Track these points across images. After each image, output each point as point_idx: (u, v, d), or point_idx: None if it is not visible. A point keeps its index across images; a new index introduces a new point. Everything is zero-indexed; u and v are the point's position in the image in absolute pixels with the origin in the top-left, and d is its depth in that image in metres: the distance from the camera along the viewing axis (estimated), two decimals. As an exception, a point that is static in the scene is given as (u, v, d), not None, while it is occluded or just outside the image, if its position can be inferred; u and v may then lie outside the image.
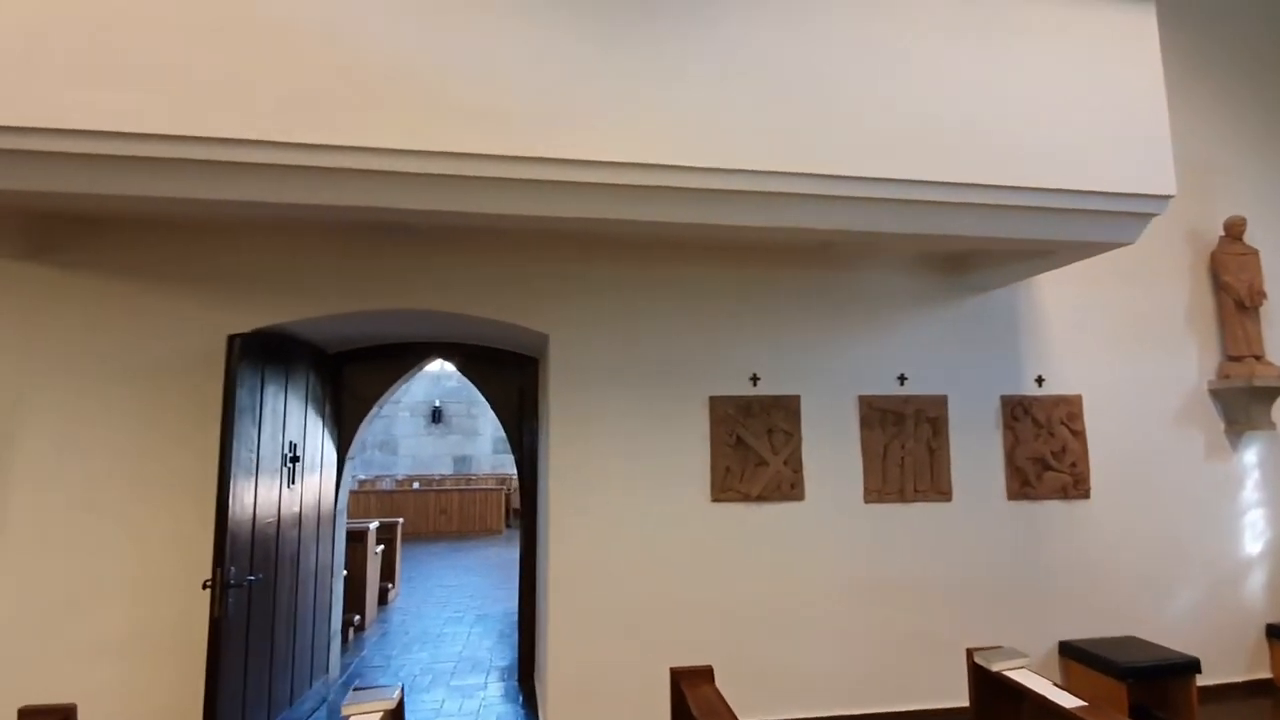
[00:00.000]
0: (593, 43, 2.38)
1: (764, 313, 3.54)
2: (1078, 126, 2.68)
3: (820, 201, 2.51)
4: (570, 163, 2.33)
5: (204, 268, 3.08)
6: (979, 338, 3.71)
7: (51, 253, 2.94)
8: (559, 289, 3.36)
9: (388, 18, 2.26)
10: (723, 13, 2.49)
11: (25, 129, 2.04)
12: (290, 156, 2.19)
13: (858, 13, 2.58)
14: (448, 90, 2.24)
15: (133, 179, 2.16)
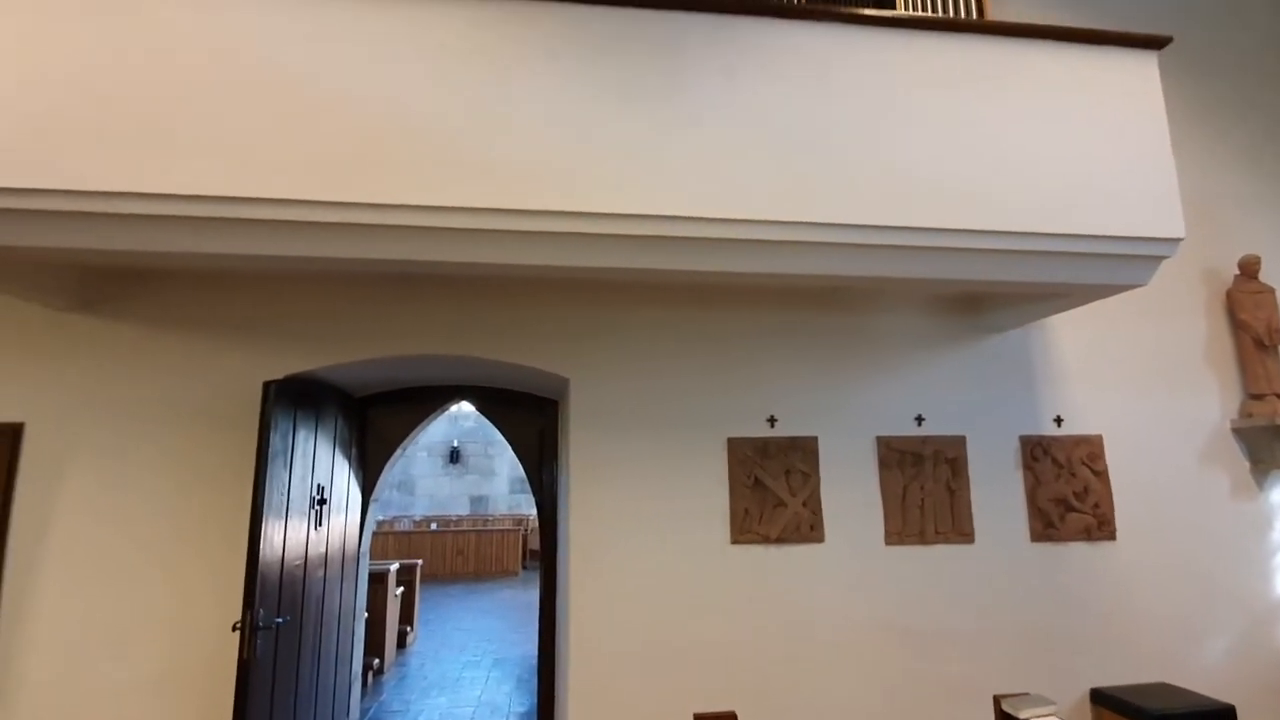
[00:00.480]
0: (609, 99, 2.52)
1: (780, 354, 3.60)
2: (1085, 173, 2.75)
3: (831, 249, 2.60)
4: (587, 215, 2.43)
5: (242, 317, 3.22)
6: (996, 378, 3.74)
7: (102, 304, 3.10)
8: (579, 333, 3.46)
9: (415, 83, 2.42)
10: (735, 70, 2.62)
11: (86, 193, 2.20)
12: (327, 214, 2.32)
13: (865, 69, 2.71)
14: (471, 148, 2.38)
15: (184, 238, 2.30)
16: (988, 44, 2.85)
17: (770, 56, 2.66)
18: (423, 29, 2.49)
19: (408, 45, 2.47)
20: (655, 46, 2.61)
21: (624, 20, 2.62)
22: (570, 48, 2.56)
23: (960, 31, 2.85)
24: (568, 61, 2.54)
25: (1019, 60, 2.84)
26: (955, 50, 2.80)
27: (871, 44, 2.75)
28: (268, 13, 2.41)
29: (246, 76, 2.33)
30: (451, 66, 2.47)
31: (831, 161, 2.57)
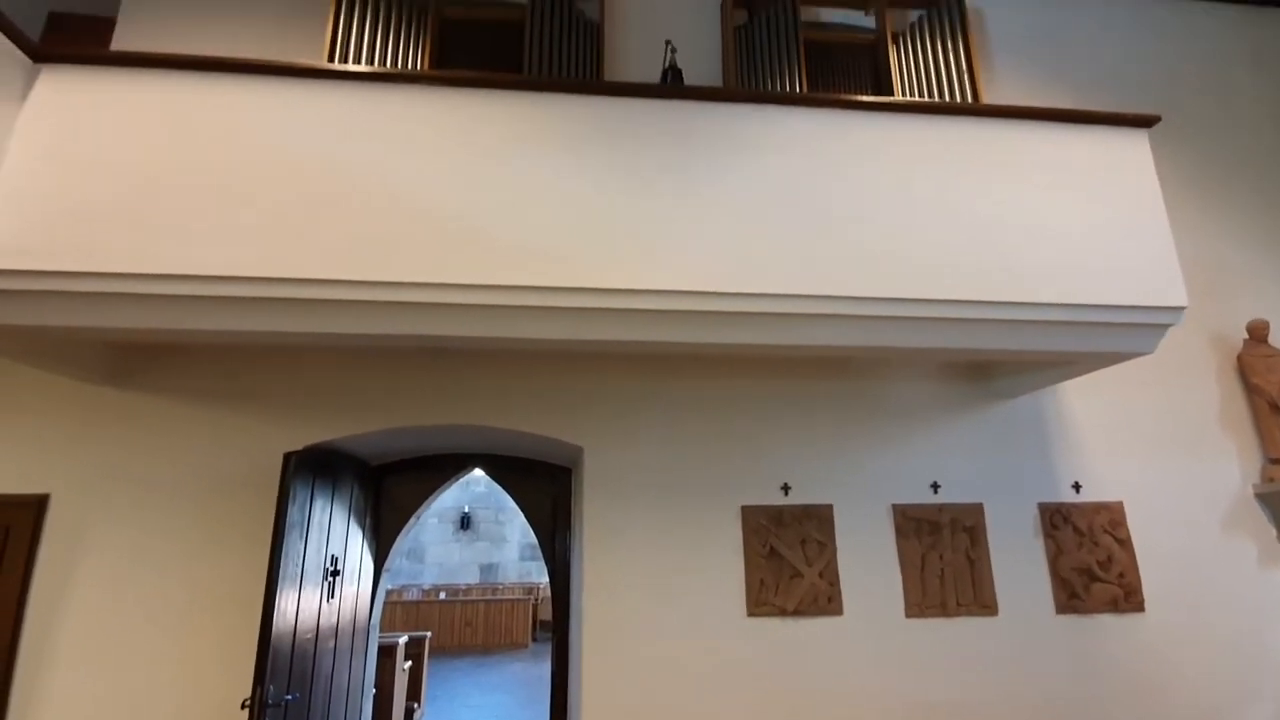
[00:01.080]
0: (620, 181, 2.66)
1: (793, 422, 3.62)
2: (1085, 244, 2.84)
3: (836, 321, 2.67)
4: (599, 291, 2.53)
5: (264, 388, 3.31)
6: (1010, 444, 3.72)
7: (131, 378, 3.20)
8: (594, 402, 3.51)
9: (433, 169, 2.58)
10: (741, 152, 2.77)
11: (123, 275, 2.33)
12: (351, 292, 2.44)
13: (866, 150, 2.85)
14: (487, 228, 2.51)
15: (214, 316, 2.42)
16: (984, 125, 2.99)
17: (775, 140, 2.81)
18: (439, 119, 2.67)
19: (426, 134, 2.64)
20: (665, 133, 2.77)
21: (634, 109, 2.79)
22: (583, 134, 2.72)
23: (957, 115, 3.00)
24: (581, 147, 2.70)
25: (1015, 139, 2.97)
26: (954, 131, 2.94)
27: (871, 127, 2.90)
28: (293, 107, 2.60)
29: (276, 166, 2.50)
30: (469, 153, 2.63)
31: (836, 237, 2.67)
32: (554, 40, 3.93)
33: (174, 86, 2.57)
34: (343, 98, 2.65)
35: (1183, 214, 4.19)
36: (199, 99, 2.57)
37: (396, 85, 2.71)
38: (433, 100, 2.69)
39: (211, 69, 2.60)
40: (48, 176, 2.40)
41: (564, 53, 3.94)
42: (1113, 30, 4.70)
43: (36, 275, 2.29)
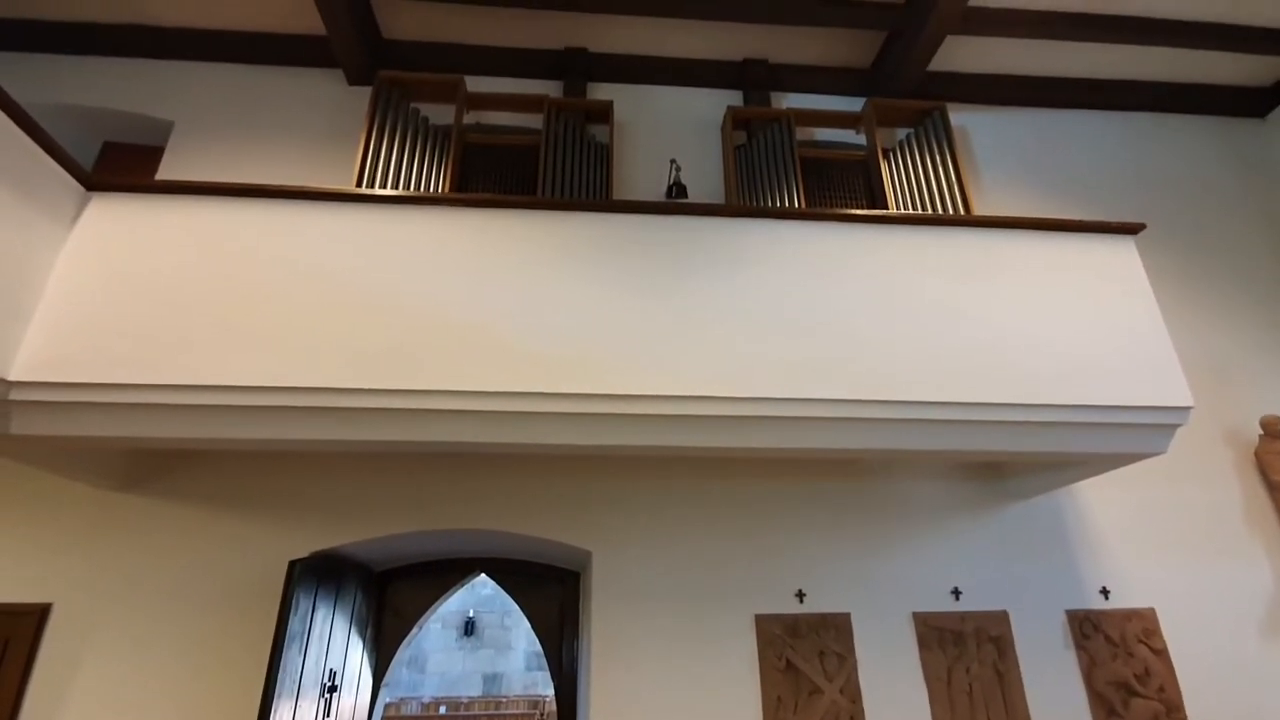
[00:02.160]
0: (627, 290, 2.79)
1: (806, 524, 3.56)
2: (1084, 347, 2.89)
3: (841, 424, 2.70)
4: (607, 397, 2.59)
5: (272, 493, 3.33)
6: (1031, 547, 3.62)
7: (144, 483, 3.24)
8: (602, 505, 3.48)
9: (455, 282, 2.72)
10: (744, 263, 2.90)
11: (157, 386, 2.42)
12: (367, 400, 2.52)
13: (865, 259, 2.98)
14: (499, 337, 2.62)
15: (241, 425, 2.49)
16: (976, 235, 3.14)
17: (776, 251, 2.96)
18: (458, 237, 2.84)
19: (445, 251, 2.81)
20: (671, 246, 2.92)
21: (641, 224, 2.96)
22: (594, 248, 2.88)
23: (950, 225, 3.16)
24: (591, 260, 2.85)
25: (1007, 247, 3.11)
26: (948, 240, 3.09)
27: (868, 238, 3.05)
28: (320, 228, 2.79)
29: (303, 282, 2.65)
30: (484, 267, 2.77)
31: (837, 342, 2.75)
32: (567, 161, 4.21)
33: (209, 210, 2.78)
34: (368, 218, 2.85)
35: (1185, 313, 4.28)
36: (232, 221, 2.77)
37: (419, 206, 2.91)
38: (452, 219, 2.87)
39: (243, 195, 2.82)
40: (89, 293, 2.55)
41: (576, 172, 4.21)
42: (1098, 141, 4.98)
43: (73, 387, 2.39)
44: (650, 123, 4.76)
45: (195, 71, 4.55)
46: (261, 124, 4.42)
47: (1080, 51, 4.81)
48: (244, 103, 4.48)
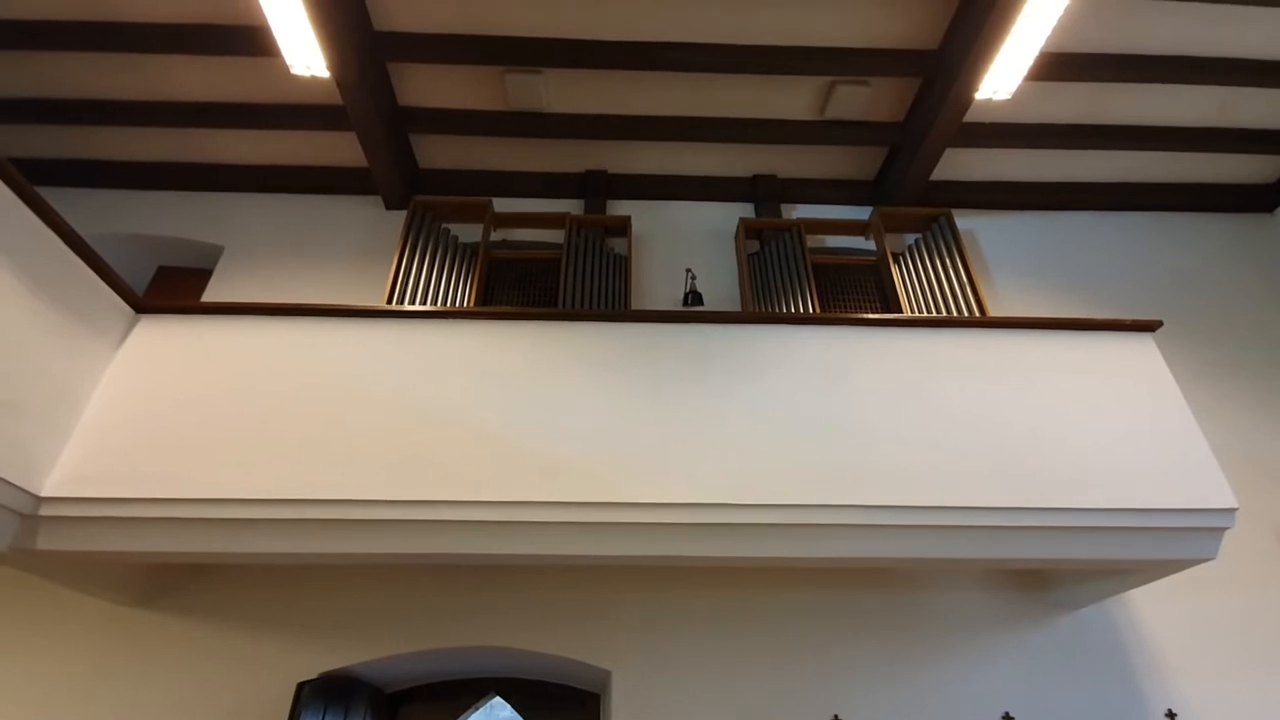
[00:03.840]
0: (649, 399, 2.81)
1: (840, 639, 3.35)
2: (1115, 448, 2.81)
3: (867, 531, 2.61)
4: (632, 505, 2.56)
5: (283, 609, 3.25)
6: (1085, 664, 3.35)
7: (160, 599, 3.21)
8: (622, 620, 3.34)
9: (479, 393, 2.78)
10: (761, 367, 2.94)
11: (174, 500, 2.46)
12: (385, 512, 2.52)
13: (883, 362, 3.00)
14: (516, 447, 2.64)
15: (252, 538, 2.50)
16: (992, 335, 3.15)
17: (793, 356, 3.00)
18: (482, 349, 2.94)
19: (469, 362, 2.89)
20: (687, 352, 2.98)
21: (658, 333, 3.04)
22: (613, 357, 2.95)
23: (964, 327, 3.18)
24: (610, 368, 2.91)
25: (1025, 347, 3.11)
26: (965, 342, 3.10)
27: (885, 342, 3.07)
28: (343, 337, 2.92)
29: (322, 393, 2.74)
30: (502, 376, 2.85)
31: (857, 447, 2.72)
32: (588, 272, 4.40)
33: (243, 329, 2.94)
34: (396, 333, 2.97)
35: (1218, 410, 4.15)
36: (264, 339, 2.92)
37: (443, 320, 3.04)
38: (475, 332, 2.99)
39: (276, 313, 2.98)
40: (125, 411, 2.66)
41: (596, 283, 4.38)
42: (1107, 241, 5.06)
43: (100, 502, 2.44)
44: (667, 234, 4.99)
45: (245, 201, 4.94)
46: (304, 247, 4.73)
47: (1080, 157, 5.01)
48: (289, 228, 4.82)
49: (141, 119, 4.61)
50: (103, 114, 4.60)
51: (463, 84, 4.53)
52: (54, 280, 2.51)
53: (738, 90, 4.59)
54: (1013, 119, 4.69)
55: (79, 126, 4.69)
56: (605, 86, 4.56)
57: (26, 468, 2.35)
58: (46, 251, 2.50)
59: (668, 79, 4.50)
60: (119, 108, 4.58)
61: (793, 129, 4.82)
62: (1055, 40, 3.90)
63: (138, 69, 4.37)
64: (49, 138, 4.78)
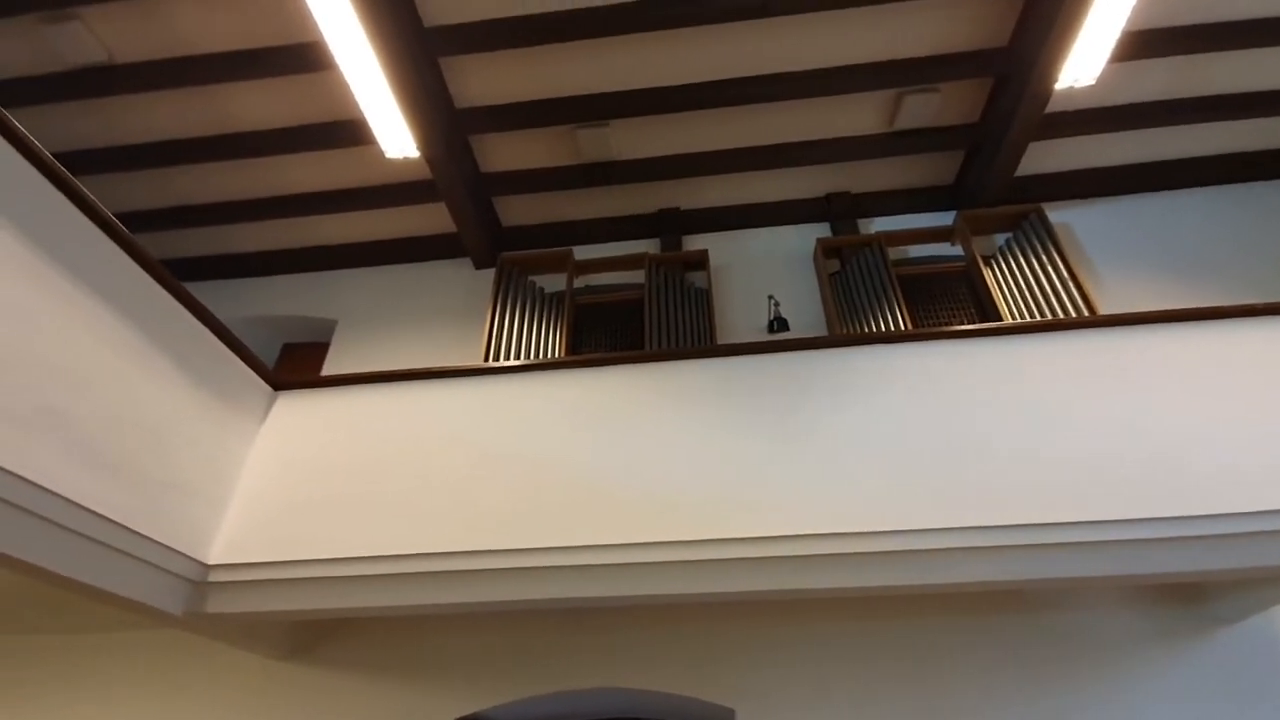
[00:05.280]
0: (745, 434, 2.83)
1: (973, 666, 3.18)
2: (1265, 445, 2.57)
3: (993, 553, 2.49)
4: (740, 541, 2.56)
5: (417, 658, 3.42)
6: (1246, 682, 3.01)
7: (305, 652, 3.47)
8: (743, 656, 3.30)
9: (571, 439, 2.89)
10: (858, 389, 2.89)
11: (309, 561, 2.69)
12: (500, 561, 2.64)
13: (995, 373, 2.87)
14: (628, 493, 2.70)
15: (384, 593, 2.67)
16: (1107, 335, 2.94)
17: (890, 376, 2.93)
18: (577, 395, 3.06)
19: (561, 408, 3.01)
20: (779, 382, 2.98)
21: (746, 365, 3.06)
22: (701, 394, 2.99)
23: (1074, 329, 2.99)
24: (701, 404, 2.95)
25: (1145, 343, 2.90)
26: (1078, 344, 2.92)
27: (988, 352, 2.95)
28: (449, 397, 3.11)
29: (445, 453, 2.92)
30: (599, 421, 2.94)
31: (970, 465, 2.61)
32: (670, 309, 4.50)
33: (360, 397, 3.18)
34: (496, 388, 3.15)
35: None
36: (379, 404, 3.15)
37: (539, 372, 3.18)
38: (572, 380, 3.11)
39: (388, 380, 3.21)
40: (269, 480, 2.94)
41: (680, 318, 4.47)
42: (1217, 217, 4.69)
43: (253, 566, 2.70)
44: (745, 263, 5.03)
45: (353, 276, 5.40)
46: (406, 311, 5.10)
47: (1177, 134, 4.69)
48: (391, 296, 5.22)
49: (261, 214, 5.16)
50: (229, 214, 5.18)
51: (537, 145, 4.79)
52: (207, 368, 2.84)
53: (802, 115, 4.62)
54: (1099, 103, 4.47)
55: (212, 227, 5.29)
56: (670, 129, 4.71)
57: (195, 539, 2.64)
58: (200, 344, 2.83)
59: (731, 114, 4.59)
60: (242, 206, 5.14)
61: (863, 144, 4.78)
62: (1136, 18, 3.71)
63: (257, 171, 4.91)
64: (187, 239, 5.42)
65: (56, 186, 2.21)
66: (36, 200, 2.15)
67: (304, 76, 4.25)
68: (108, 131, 4.64)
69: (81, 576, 2.17)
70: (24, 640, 3.62)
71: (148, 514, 2.39)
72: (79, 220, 2.29)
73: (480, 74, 4.30)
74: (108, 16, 3.97)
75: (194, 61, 4.17)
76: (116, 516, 2.24)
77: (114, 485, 2.27)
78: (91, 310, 2.28)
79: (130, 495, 2.33)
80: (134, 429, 2.40)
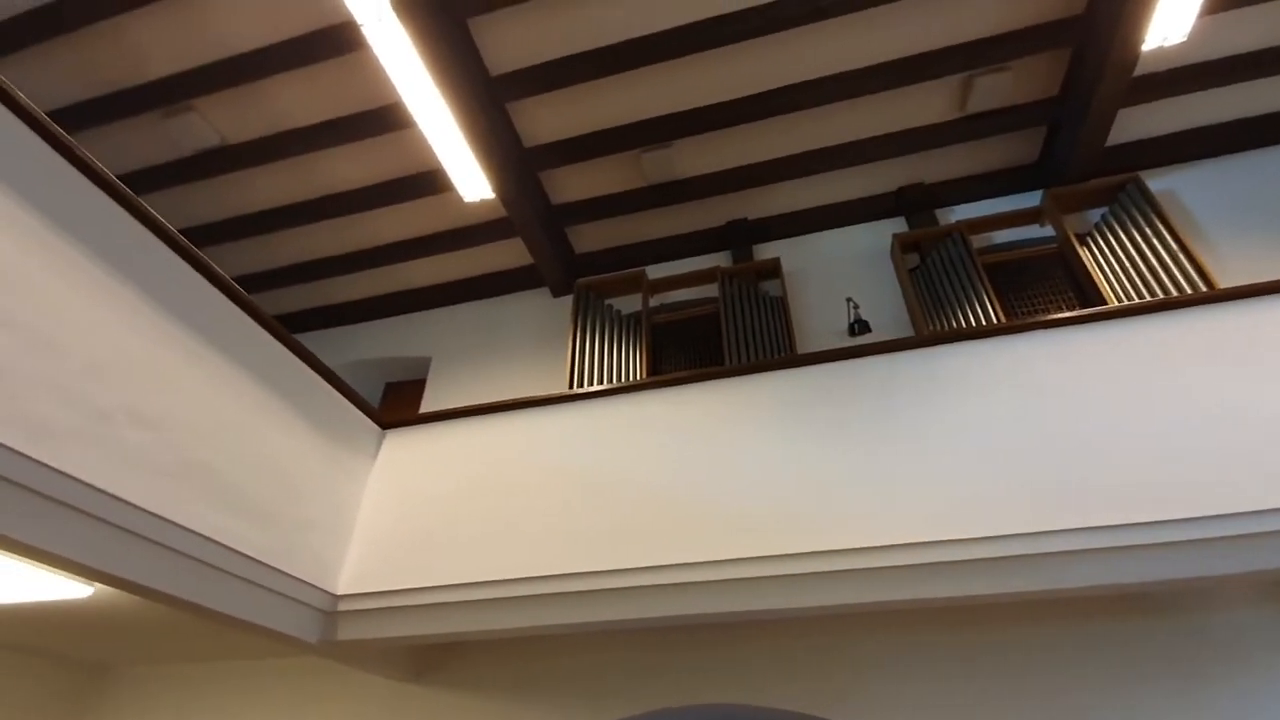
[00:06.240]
0: (834, 442, 2.79)
1: (1096, 675, 2.97)
2: None
3: (1112, 554, 2.34)
4: (835, 553, 2.53)
5: (530, 678, 3.55)
6: None
7: (429, 674, 3.68)
8: (845, 669, 3.22)
9: (660, 458, 2.93)
10: (951, 389, 2.80)
11: (425, 588, 2.85)
12: (600, 582, 2.71)
13: (1102, 363, 2.70)
14: (721, 509, 2.72)
15: (494, 616, 2.81)
16: (1229, 310, 2.72)
17: (982, 372, 2.82)
18: (662, 414, 3.11)
19: (648, 429, 3.07)
20: (866, 387, 2.93)
21: (830, 372, 3.03)
22: (785, 405, 2.98)
23: (1187, 307, 2.77)
24: (786, 417, 2.94)
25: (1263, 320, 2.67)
26: (1200, 322, 2.71)
27: (1094, 339, 2.78)
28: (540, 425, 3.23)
29: (542, 478, 3.04)
30: (689, 439, 2.98)
31: (1080, 461, 2.47)
32: (746, 320, 4.50)
33: (459, 430, 3.36)
34: (583, 413, 3.25)
35: None
36: (477, 435, 3.32)
37: (623, 395, 3.27)
38: (655, 400, 3.18)
39: (483, 412, 3.38)
40: (384, 513, 3.16)
41: (756, 326, 4.46)
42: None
43: (377, 595, 2.91)
44: (819, 267, 4.96)
45: (442, 314, 5.72)
46: (493, 343, 5.36)
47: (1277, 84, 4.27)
48: (478, 330, 5.50)
49: (356, 266, 5.57)
50: (328, 269, 5.62)
51: (603, 173, 4.94)
52: (323, 414, 3.10)
53: (867, 111, 4.54)
54: (1193, 60, 4.14)
55: (314, 282, 5.76)
56: (732, 141, 4.73)
57: (325, 572, 2.88)
58: (316, 393, 3.10)
59: (792, 119, 4.57)
60: (339, 261, 5.58)
61: (933, 133, 4.64)
62: (1230, -35, 3.44)
63: (349, 227, 5.31)
64: (294, 295, 5.92)
65: (196, 269, 2.49)
66: (170, 274, 2.42)
67: (386, 137, 4.58)
68: (221, 206, 5.16)
69: (231, 611, 2.42)
70: (179, 669, 4.03)
71: (284, 551, 2.63)
72: (208, 289, 2.56)
73: (544, 113, 4.49)
74: (219, 104, 4.44)
75: (291, 135, 4.59)
76: (259, 555, 2.48)
77: (254, 527, 2.52)
78: (225, 370, 2.56)
79: (268, 535, 2.57)
80: (267, 474, 2.65)
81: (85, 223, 2.09)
